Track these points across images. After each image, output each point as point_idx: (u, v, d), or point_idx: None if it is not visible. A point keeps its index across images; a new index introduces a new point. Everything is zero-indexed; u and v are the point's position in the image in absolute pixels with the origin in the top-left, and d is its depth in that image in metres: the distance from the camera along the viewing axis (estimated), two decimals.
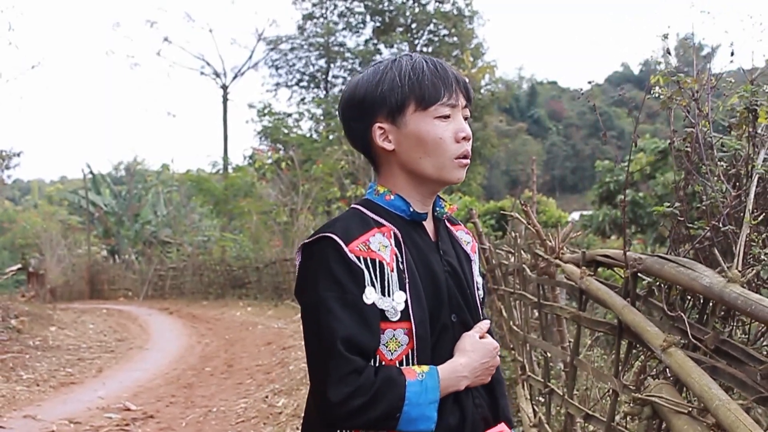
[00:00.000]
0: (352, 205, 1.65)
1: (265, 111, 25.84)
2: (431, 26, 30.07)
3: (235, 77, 30.15)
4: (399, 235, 1.57)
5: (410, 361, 1.51)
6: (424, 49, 30.24)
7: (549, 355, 3.36)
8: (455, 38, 29.40)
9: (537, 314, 3.43)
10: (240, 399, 7.44)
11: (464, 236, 1.78)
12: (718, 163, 2.13)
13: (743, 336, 2.15)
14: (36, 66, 32.06)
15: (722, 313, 2.06)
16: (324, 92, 31.14)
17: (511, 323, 4.04)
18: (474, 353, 1.56)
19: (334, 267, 1.47)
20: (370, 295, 1.47)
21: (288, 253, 18.25)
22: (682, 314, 2.03)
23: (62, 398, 7.71)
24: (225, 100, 29.74)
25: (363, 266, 1.48)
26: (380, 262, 1.50)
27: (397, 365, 1.50)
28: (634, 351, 2.36)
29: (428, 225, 1.66)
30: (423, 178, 1.59)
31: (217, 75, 29.99)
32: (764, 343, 2.02)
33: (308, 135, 25.53)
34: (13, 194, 60.04)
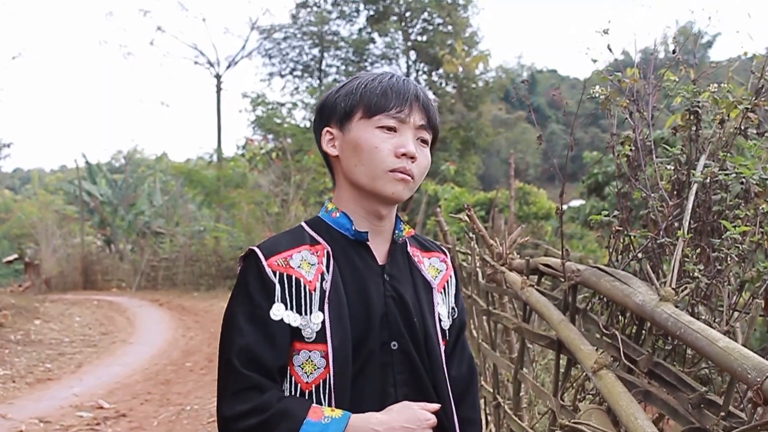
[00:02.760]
0: (300, 223, 1.63)
1: (259, 101, 25.63)
2: (425, 15, 29.79)
3: (228, 66, 29.85)
4: (332, 254, 1.52)
5: (327, 386, 1.45)
6: (418, 38, 29.97)
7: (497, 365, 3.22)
8: (449, 27, 29.14)
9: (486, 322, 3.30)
10: (215, 397, 7.32)
11: (437, 264, 1.69)
12: (658, 168, 1.97)
13: (688, 354, 2.00)
14: (16, 57, 31.72)
15: (661, 330, 1.91)
16: (317, 81, 30.89)
17: (472, 328, 3.91)
18: (398, 414, 1.46)
19: (250, 281, 1.47)
20: (278, 311, 1.45)
21: None
22: (617, 332, 1.88)
23: (36, 395, 7.60)
24: (219, 89, 29.46)
25: (276, 281, 1.46)
26: (297, 279, 1.47)
27: (314, 389, 1.46)
28: (574, 368, 2.22)
29: (380, 247, 1.58)
30: (360, 189, 1.53)
31: (211, 64, 29.70)
32: (702, 367, 1.87)
33: (301, 125, 25.34)
34: (13, 183, 59.96)
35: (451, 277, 1.69)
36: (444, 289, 1.67)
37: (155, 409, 6.95)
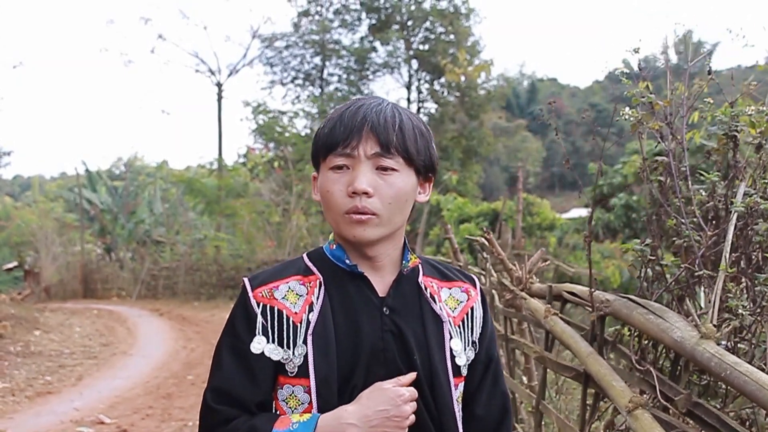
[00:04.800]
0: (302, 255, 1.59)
1: (260, 109, 25.58)
2: (427, 23, 29.77)
3: (229, 75, 29.81)
4: (324, 285, 1.46)
5: None
6: (420, 47, 29.97)
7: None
8: (452, 36, 29.12)
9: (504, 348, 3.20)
10: None
11: (457, 294, 1.57)
12: (694, 194, 1.88)
13: (722, 389, 1.90)
14: (17, 66, 31.78)
15: (698, 368, 1.82)
16: (319, 90, 30.85)
17: None
18: (369, 400, 1.38)
19: (236, 312, 1.46)
20: (259, 345, 1.42)
21: (280, 254, 18.06)
22: (651, 369, 1.79)
23: (37, 410, 7.48)
24: (220, 97, 29.41)
25: (259, 312, 1.43)
26: (279, 311, 1.43)
27: None
28: (602, 401, 2.12)
29: (382, 279, 1.48)
30: (336, 233, 1.49)
31: (212, 72, 29.66)
32: (745, 407, 1.77)
33: (303, 133, 25.28)
34: (13, 190, 59.88)
35: (473, 308, 1.57)
36: (463, 321, 1.55)
37: (157, 424, 6.84)
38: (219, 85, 29.44)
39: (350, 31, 31.21)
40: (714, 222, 1.86)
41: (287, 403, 1.42)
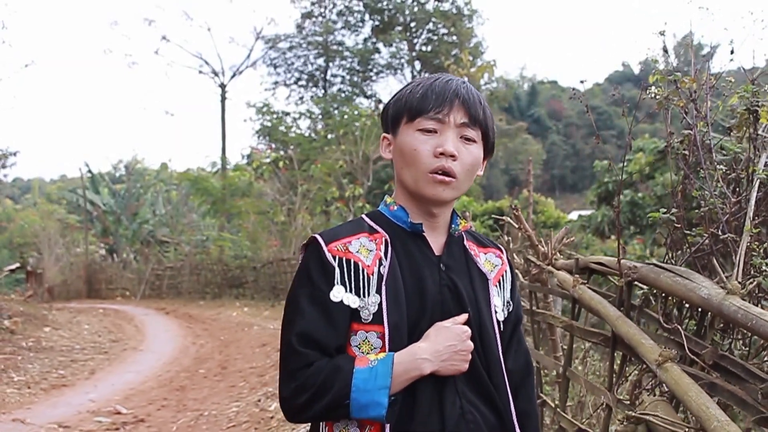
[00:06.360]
0: (361, 215, 1.72)
1: (264, 110, 25.72)
2: (430, 25, 29.96)
3: (233, 76, 29.93)
4: (390, 242, 1.59)
5: None
6: (423, 48, 30.14)
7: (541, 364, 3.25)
8: (454, 37, 29.30)
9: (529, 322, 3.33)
10: (232, 402, 7.33)
11: (493, 259, 1.75)
12: (717, 166, 2.01)
13: (744, 349, 2.04)
14: (29, 65, 31.95)
15: (721, 324, 1.95)
16: (323, 91, 30.99)
17: None
18: (437, 336, 1.52)
19: (311, 265, 1.55)
20: (338, 293, 1.52)
21: (285, 253, 18.18)
22: (679, 327, 1.92)
23: (53, 401, 7.59)
24: (223, 98, 29.56)
25: (336, 264, 1.54)
26: (355, 263, 1.55)
27: None
28: (628, 363, 2.26)
29: (436, 239, 1.64)
30: (409, 191, 1.61)
31: (216, 74, 29.80)
32: (766, 358, 1.91)
33: (307, 134, 25.41)
34: (13, 192, 59.87)
35: (506, 272, 1.75)
36: (499, 282, 1.72)
37: (173, 414, 6.95)
38: (222, 86, 29.58)
39: (353, 32, 31.41)
40: (736, 190, 2.00)
41: (360, 348, 1.52)
